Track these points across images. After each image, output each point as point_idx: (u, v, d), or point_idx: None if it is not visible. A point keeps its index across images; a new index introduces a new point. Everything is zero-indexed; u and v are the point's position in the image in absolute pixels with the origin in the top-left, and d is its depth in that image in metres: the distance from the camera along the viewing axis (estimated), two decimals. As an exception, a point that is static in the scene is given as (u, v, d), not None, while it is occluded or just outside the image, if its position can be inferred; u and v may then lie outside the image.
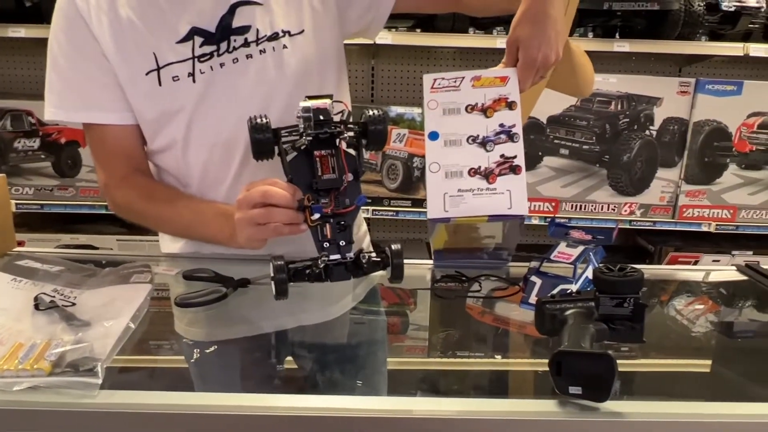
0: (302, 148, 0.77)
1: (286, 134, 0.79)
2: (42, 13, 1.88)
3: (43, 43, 1.81)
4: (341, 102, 0.84)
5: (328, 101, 0.77)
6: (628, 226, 2.13)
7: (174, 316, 0.83)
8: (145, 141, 0.99)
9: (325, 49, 0.99)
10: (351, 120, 0.87)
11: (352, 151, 0.80)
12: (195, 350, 0.79)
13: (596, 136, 2.04)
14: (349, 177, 0.78)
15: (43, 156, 2.04)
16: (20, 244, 1.05)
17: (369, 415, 0.54)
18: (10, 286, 0.78)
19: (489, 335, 0.88)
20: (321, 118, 0.75)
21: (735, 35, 1.97)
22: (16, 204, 1.95)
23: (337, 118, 0.79)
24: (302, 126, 0.76)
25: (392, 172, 2.10)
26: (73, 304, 0.73)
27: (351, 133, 0.80)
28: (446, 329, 0.92)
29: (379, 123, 0.79)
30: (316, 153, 0.76)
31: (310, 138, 0.76)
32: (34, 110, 2.01)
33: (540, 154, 2.06)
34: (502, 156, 0.81)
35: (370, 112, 0.80)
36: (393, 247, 0.77)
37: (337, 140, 0.78)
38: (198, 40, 0.91)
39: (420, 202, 2.13)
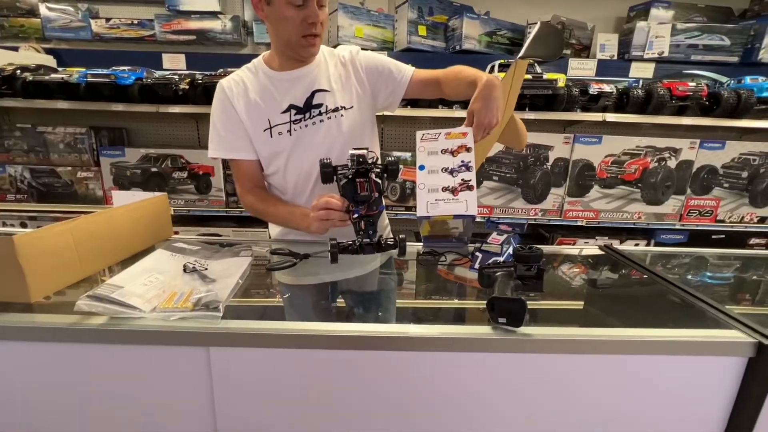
0: (349, 177, 0.85)
1: (341, 169, 0.87)
2: (188, 98, 2.21)
3: (189, 116, 2.35)
4: (373, 152, 0.91)
5: (365, 151, 0.85)
6: (534, 222, 2.46)
7: (274, 273, 0.87)
8: (262, 169, 1.10)
9: (364, 118, 1.10)
10: (378, 162, 0.92)
11: (378, 180, 0.88)
12: (286, 289, 0.87)
13: (514, 169, 2.38)
14: (375, 194, 0.86)
15: (188, 181, 2.39)
16: (175, 233, 1.10)
17: (382, 335, 0.60)
18: (168, 257, 0.82)
19: (451, 287, 0.90)
20: (360, 160, 0.84)
21: (597, 108, 2.31)
22: (173, 210, 2.25)
23: (370, 161, 0.86)
24: (350, 164, 0.85)
25: (393, 190, 2.47)
26: (206, 268, 0.75)
27: (378, 170, 0.87)
28: (425, 283, 0.94)
29: (394, 165, 0.87)
30: (357, 180, 0.84)
31: (353, 171, 0.84)
32: (184, 155, 2.38)
33: (481, 179, 2.39)
34: (462, 179, 0.84)
35: (389, 159, 0.87)
36: (400, 236, 0.87)
37: (369, 173, 0.86)
38: (293, 111, 1.02)
39: (410, 208, 2.42)
